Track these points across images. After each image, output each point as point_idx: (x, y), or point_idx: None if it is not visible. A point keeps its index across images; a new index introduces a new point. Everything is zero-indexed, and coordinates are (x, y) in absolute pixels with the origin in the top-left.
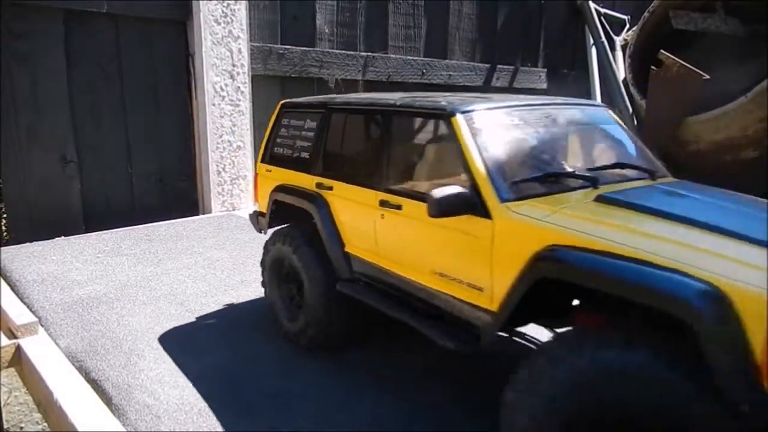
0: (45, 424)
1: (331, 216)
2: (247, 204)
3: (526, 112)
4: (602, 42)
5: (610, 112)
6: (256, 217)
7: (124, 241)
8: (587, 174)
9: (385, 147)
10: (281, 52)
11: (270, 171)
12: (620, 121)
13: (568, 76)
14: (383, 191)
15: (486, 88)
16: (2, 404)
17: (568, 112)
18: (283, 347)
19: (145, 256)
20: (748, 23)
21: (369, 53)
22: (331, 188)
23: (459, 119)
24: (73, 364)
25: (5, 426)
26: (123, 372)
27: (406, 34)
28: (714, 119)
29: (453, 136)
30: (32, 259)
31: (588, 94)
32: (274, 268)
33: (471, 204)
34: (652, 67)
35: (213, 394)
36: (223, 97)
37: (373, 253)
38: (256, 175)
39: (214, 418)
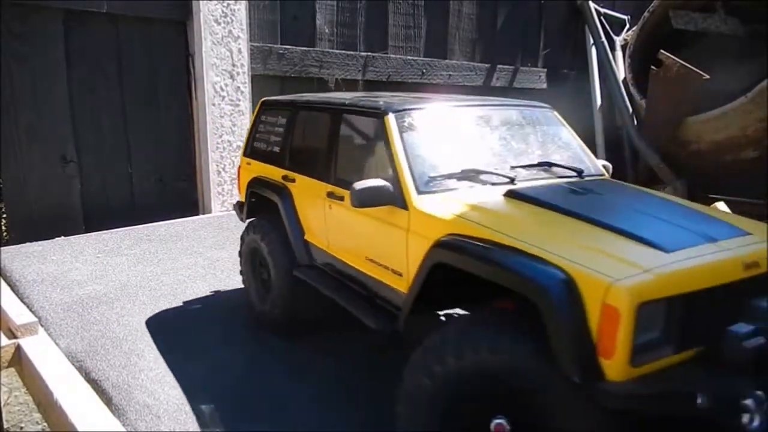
0: (45, 424)
1: (293, 206)
2: None
3: (459, 113)
4: (602, 42)
5: (554, 113)
6: (238, 207)
7: (124, 241)
8: (505, 172)
9: (334, 143)
10: (281, 52)
11: (249, 164)
12: (563, 123)
13: (568, 76)
14: (331, 183)
15: (486, 88)
16: (2, 404)
17: (505, 112)
18: (282, 346)
19: (145, 256)
20: (748, 23)
21: (369, 53)
22: (294, 180)
23: (390, 118)
24: (73, 364)
25: (5, 426)
26: (123, 372)
27: (406, 34)
28: (714, 119)
29: (384, 134)
30: (32, 259)
31: (588, 93)
32: (249, 257)
33: (391, 196)
34: (652, 67)
35: (213, 394)
36: (223, 97)
37: (325, 241)
38: (239, 167)
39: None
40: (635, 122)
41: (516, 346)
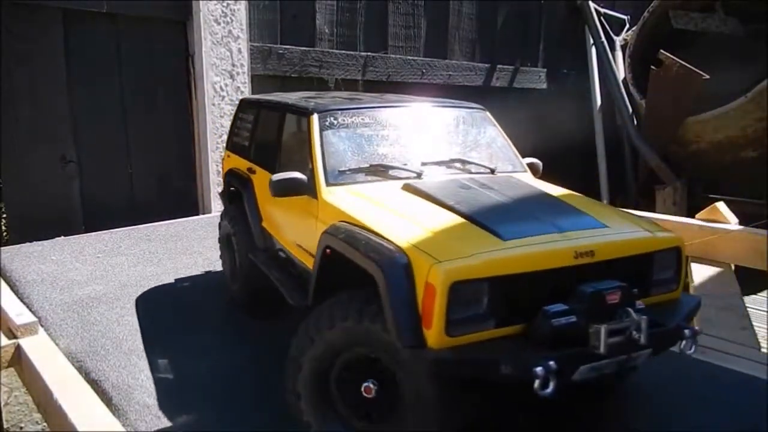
0: (45, 424)
1: (254, 195)
2: None
3: (381, 114)
4: (602, 42)
5: (486, 114)
6: (221, 196)
7: (123, 241)
8: (415, 168)
9: (280, 138)
10: (281, 52)
11: (229, 156)
12: (492, 123)
13: (568, 76)
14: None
15: (486, 88)
16: (2, 404)
17: (431, 113)
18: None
19: (144, 256)
20: (748, 23)
21: (369, 53)
22: (255, 172)
23: (313, 118)
24: (73, 364)
25: (5, 426)
26: (123, 372)
27: (406, 34)
28: (714, 119)
29: (308, 131)
30: (32, 259)
31: (588, 93)
32: (224, 242)
33: (305, 187)
34: (652, 67)
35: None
36: (223, 97)
37: (274, 228)
38: (222, 159)
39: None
40: (635, 122)
41: (365, 318)
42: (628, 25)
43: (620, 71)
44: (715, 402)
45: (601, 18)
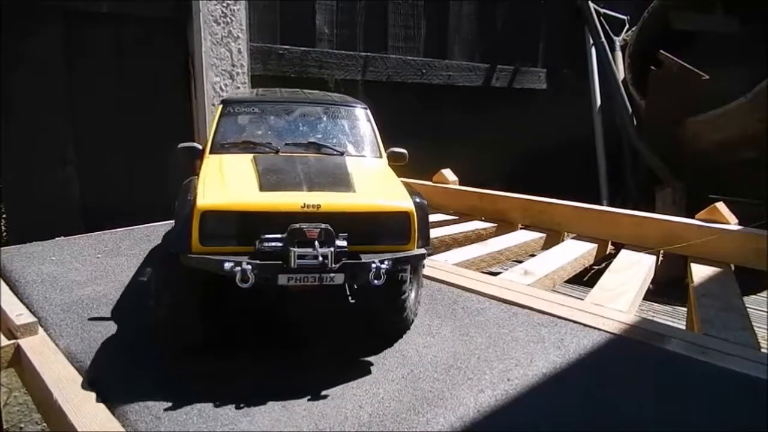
0: (44, 424)
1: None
2: None
3: (268, 106)
4: (602, 42)
5: (365, 112)
6: None
7: (123, 242)
8: (276, 146)
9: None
10: (281, 52)
11: None
12: (368, 119)
13: (567, 76)
14: None
15: (486, 88)
16: (2, 404)
17: (308, 108)
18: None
19: (144, 257)
20: (748, 23)
21: (368, 53)
22: None
23: (220, 105)
24: (73, 364)
25: (5, 426)
26: (123, 372)
27: (405, 35)
28: (714, 119)
29: (215, 115)
30: (32, 259)
31: (588, 93)
32: None
33: (196, 153)
34: (652, 67)
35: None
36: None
37: None
38: None
39: (214, 418)
40: (635, 122)
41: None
42: (628, 26)
43: (620, 71)
44: (715, 402)
45: (601, 18)
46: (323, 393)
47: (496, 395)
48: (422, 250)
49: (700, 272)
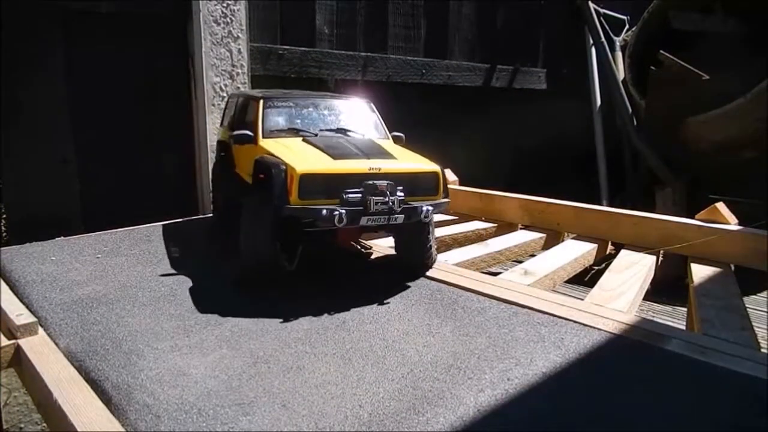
0: (44, 424)
1: (231, 152)
2: None
3: (299, 100)
4: (602, 42)
5: (369, 105)
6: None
7: (123, 242)
8: (314, 131)
9: (243, 114)
10: (281, 52)
11: (220, 132)
12: (372, 110)
13: (567, 77)
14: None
15: (486, 88)
16: (2, 404)
17: (329, 102)
18: (286, 348)
19: (144, 257)
20: (748, 23)
21: (369, 53)
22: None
23: (260, 102)
24: (73, 365)
25: (5, 426)
26: (123, 372)
27: (405, 35)
28: (714, 119)
29: (256, 110)
30: (32, 259)
31: (588, 93)
32: (214, 183)
33: (251, 139)
34: (652, 67)
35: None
36: (223, 98)
37: (239, 168)
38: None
39: (214, 418)
40: (635, 122)
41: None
42: (627, 26)
43: (620, 71)
44: (715, 402)
45: (601, 18)
46: (325, 391)
47: (496, 395)
48: (447, 199)
49: (700, 272)
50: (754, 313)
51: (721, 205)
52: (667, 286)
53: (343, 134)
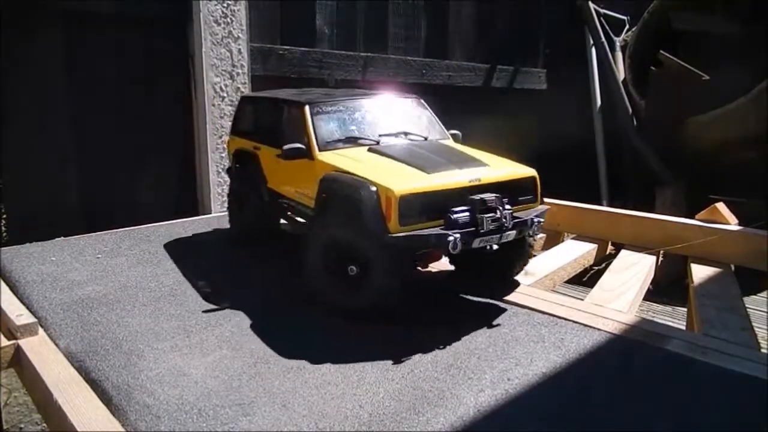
0: (44, 424)
1: (260, 165)
2: None
3: (350, 102)
4: (602, 42)
5: (421, 102)
6: (227, 170)
7: (123, 242)
8: (374, 138)
9: (279, 123)
10: (281, 52)
11: (234, 140)
12: (425, 107)
13: (567, 77)
14: (278, 149)
15: (486, 88)
16: (2, 405)
17: (381, 101)
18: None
19: (144, 257)
20: (748, 23)
21: (369, 54)
22: (259, 149)
23: (306, 108)
24: (73, 365)
25: (5, 427)
26: (123, 372)
27: (405, 35)
28: (714, 120)
29: (302, 117)
30: (32, 259)
31: (588, 94)
32: (233, 197)
33: (304, 152)
34: (652, 67)
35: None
36: (223, 98)
37: (277, 185)
38: (227, 141)
39: (214, 418)
40: (635, 123)
41: (352, 220)
42: (628, 26)
43: (620, 72)
44: (715, 402)
45: (601, 18)
46: (325, 392)
47: (496, 395)
48: (547, 206)
49: (700, 272)
50: (754, 313)
51: (721, 205)
52: (667, 286)
53: (403, 137)
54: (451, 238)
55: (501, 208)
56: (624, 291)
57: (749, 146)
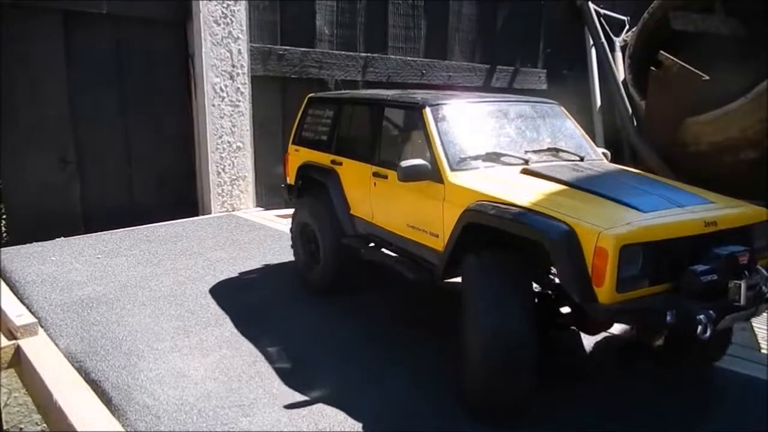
0: (44, 425)
1: (340, 186)
2: (247, 204)
3: (482, 106)
4: (602, 43)
5: (561, 108)
6: (286, 189)
7: (123, 242)
8: (521, 155)
9: (378, 131)
10: (281, 53)
11: (298, 150)
12: (567, 115)
13: (567, 77)
14: (375, 165)
15: (486, 88)
16: (2, 405)
17: (519, 107)
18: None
19: (144, 257)
20: (748, 23)
21: (369, 54)
22: (341, 164)
23: (427, 111)
24: (73, 365)
25: (5, 427)
26: (123, 372)
27: (405, 35)
28: (714, 120)
29: (422, 123)
30: (32, 259)
31: (588, 94)
32: (299, 232)
33: (429, 172)
34: (652, 68)
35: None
36: (223, 98)
37: (369, 213)
38: (286, 154)
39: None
40: (635, 123)
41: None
42: (627, 26)
43: (620, 72)
44: (715, 402)
45: (601, 19)
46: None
47: None
48: None
49: None
50: None
51: None
52: None
53: (553, 154)
54: (702, 317)
55: (755, 268)
56: None
57: (749, 146)
